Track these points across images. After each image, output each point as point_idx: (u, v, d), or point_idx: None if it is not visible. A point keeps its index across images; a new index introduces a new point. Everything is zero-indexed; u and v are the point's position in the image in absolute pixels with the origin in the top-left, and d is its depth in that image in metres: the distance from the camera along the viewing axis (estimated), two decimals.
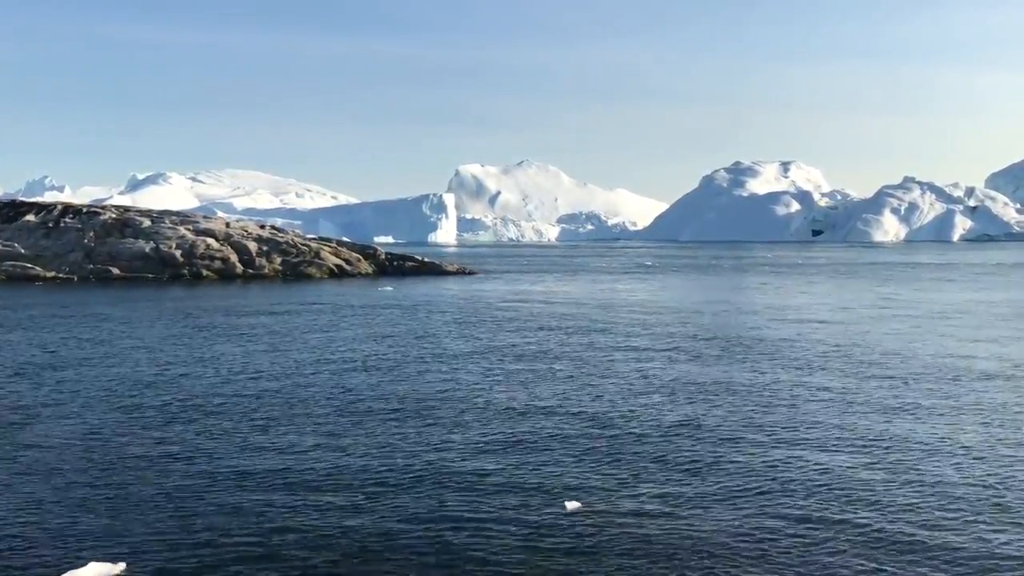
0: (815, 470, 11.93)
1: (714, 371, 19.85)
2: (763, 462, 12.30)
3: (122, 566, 8.63)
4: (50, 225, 56.93)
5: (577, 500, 10.57)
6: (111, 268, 53.26)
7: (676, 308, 36.41)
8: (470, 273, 63.17)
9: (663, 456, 12.63)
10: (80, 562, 8.69)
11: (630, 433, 13.97)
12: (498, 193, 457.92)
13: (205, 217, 65.34)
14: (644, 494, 10.91)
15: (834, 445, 13.25)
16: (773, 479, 11.51)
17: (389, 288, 46.59)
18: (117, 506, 10.47)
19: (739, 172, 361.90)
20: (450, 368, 20.41)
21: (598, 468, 12.03)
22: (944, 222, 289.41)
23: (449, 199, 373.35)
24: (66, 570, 8.51)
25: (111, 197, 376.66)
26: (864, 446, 13.20)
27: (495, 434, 13.91)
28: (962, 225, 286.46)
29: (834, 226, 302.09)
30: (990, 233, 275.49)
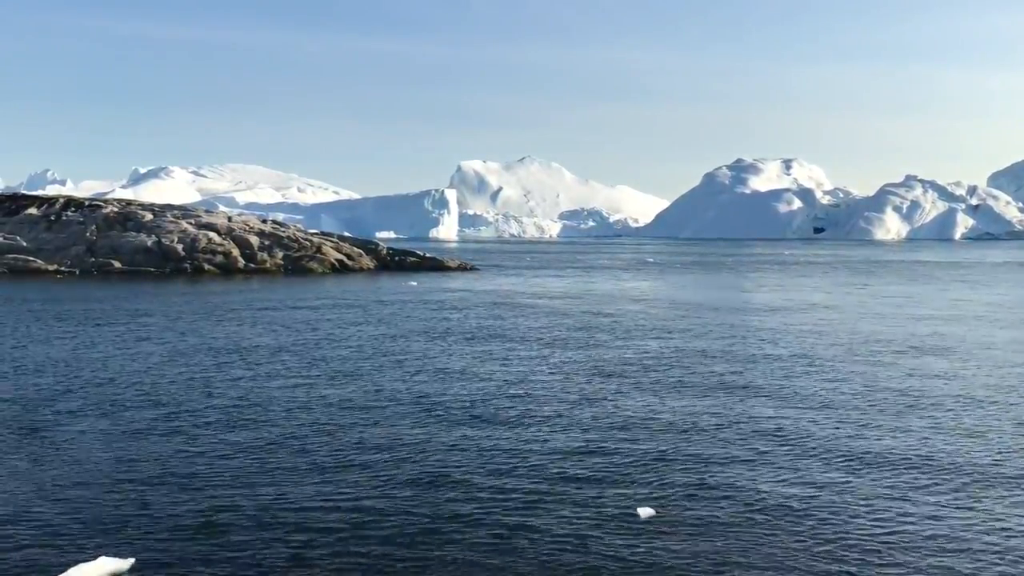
0: (894, 477, 11.59)
1: (773, 374, 19.16)
2: (847, 469, 11.88)
3: (131, 561, 8.62)
4: (52, 218, 56.93)
5: (651, 507, 10.14)
6: (113, 262, 53.25)
7: (700, 306, 36.32)
8: (472, 269, 63.10)
9: (738, 461, 12.14)
10: (90, 555, 8.69)
11: (702, 436, 13.47)
12: (500, 189, 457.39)
13: (207, 211, 65.33)
14: (721, 501, 10.48)
15: (915, 450, 12.89)
16: (856, 488, 11.08)
17: (414, 283, 46.78)
18: (131, 501, 10.45)
19: (741, 169, 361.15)
20: (502, 368, 19.76)
21: (672, 473, 11.57)
22: (946, 220, 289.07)
23: (451, 195, 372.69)
24: (76, 563, 8.50)
25: (113, 191, 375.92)
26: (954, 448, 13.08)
27: (563, 437, 13.41)
28: (964, 224, 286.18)
29: (836, 224, 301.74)
30: (992, 232, 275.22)
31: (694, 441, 13.24)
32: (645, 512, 9.95)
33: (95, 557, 8.61)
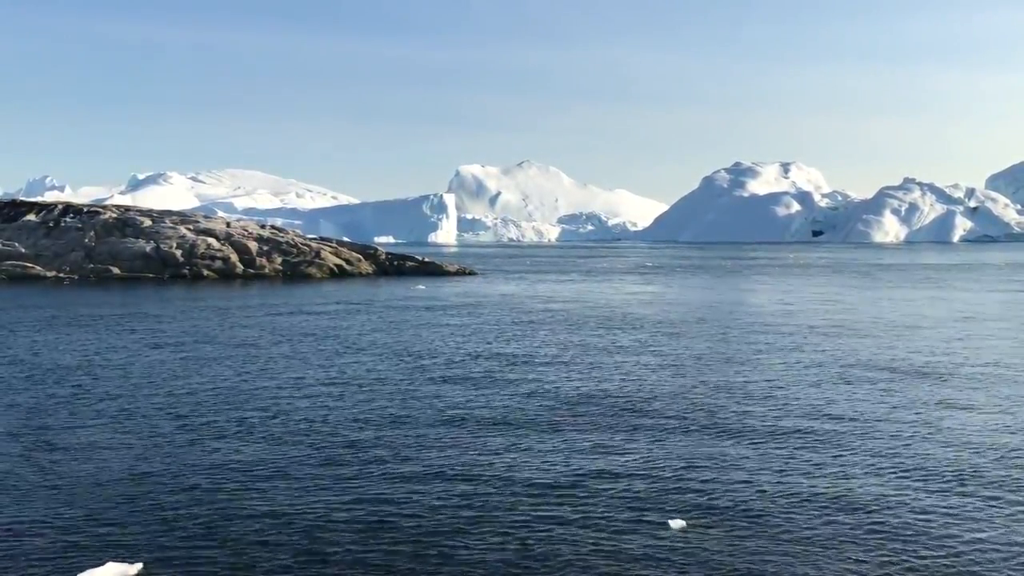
0: (935, 491, 11.30)
1: (806, 383, 18.45)
2: (883, 482, 11.58)
3: (139, 566, 8.61)
4: (51, 225, 56.90)
5: (683, 519, 9.96)
6: (112, 268, 53.21)
7: (712, 312, 36.16)
8: (471, 274, 63.02)
9: (773, 472, 11.87)
10: (98, 561, 8.68)
11: (735, 448, 13.12)
12: (498, 193, 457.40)
13: (205, 217, 65.34)
14: (754, 514, 10.25)
15: (941, 460, 12.62)
16: (896, 501, 10.77)
17: (422, 287, 46.69)
18: (140, 507, 10.45)
19: (739, 173, 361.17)
20: (525, 375, 19.35)
21: (703, 484, 11.33)
22: (944, 223, 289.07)
23: (449, 199, 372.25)
24: (84, 568, 8.49)
25: (111, 197, 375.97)
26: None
27: (594, 445, 13.17)
28: (962, 226, 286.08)
29: (834, 227, 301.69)
30: (990, 234, 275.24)
31: (727, 452, 12.89)
32: (677, 524, 9.79)
33: (103, 562, 8.61)
